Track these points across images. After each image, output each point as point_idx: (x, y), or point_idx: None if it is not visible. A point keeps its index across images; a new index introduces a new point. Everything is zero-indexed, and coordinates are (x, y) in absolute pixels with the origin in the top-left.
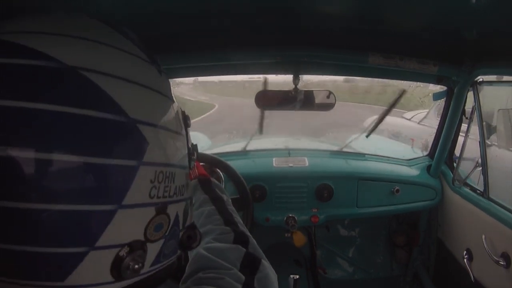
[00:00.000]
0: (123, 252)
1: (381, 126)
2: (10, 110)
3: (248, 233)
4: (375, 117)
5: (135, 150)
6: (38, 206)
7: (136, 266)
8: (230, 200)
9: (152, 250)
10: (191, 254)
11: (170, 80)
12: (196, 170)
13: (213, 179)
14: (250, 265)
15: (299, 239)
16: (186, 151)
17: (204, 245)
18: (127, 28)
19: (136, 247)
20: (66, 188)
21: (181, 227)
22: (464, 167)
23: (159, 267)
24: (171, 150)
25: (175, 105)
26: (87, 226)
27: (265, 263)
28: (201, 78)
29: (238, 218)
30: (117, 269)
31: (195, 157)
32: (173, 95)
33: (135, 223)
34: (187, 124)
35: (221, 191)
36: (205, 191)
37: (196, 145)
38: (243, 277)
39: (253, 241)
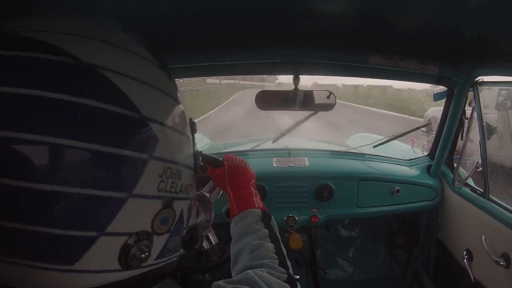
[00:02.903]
0: (131, 241)
1: None
2: (36, 99)
3: (297, 282)
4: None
5: (146, 145)
6: (52, 187)
7: (143, 256)
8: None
9: (158, 242)
10: (235, 272)
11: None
12: (260, 203)
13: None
14: None
15: (296, 241)
16: (192, 153)
17: (257, 271)
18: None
19: (143, 237)
20: (82, 173)
21: (184, 225)
22: (464, 168)
23: (163, 262)
24: (178, 149)
25: (182, 109)
26: (99, 211)
27: None
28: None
29: (288, 262)
30: (125, 257)
31: (200, 161)
32: (180, 99)
33: (143, 214)
34: (193, 130)
35: (277, 230)
36: (265, 226)
37: (201, 151)
38: None
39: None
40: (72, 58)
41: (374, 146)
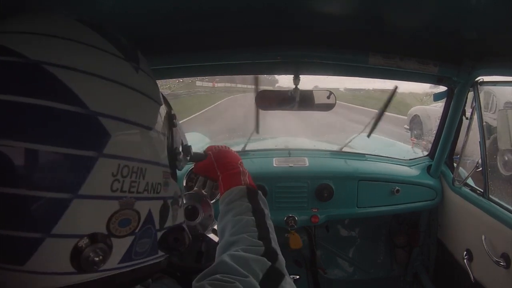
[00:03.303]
0: (81, 243)
1: None
2: None
3: (279, 252)
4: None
5: (93, 142)
6: None
7: (97, 259)
8: (269, 215)
9: (120, 245)
10: (217, 251)
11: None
12: (248, 180)
13: (260, 192)
14: (272, 279)
15: (295, 242)
16: (165, 149)
17: (232, 252)
18: (119, 29)
19: (97, 240)
20: (22, 173)
21: (157, 227)
22: (464, 168)
23: (133, 266)
24: (140, 145)
25: (152, 102)
26: (42, 213)
27: (288, 280)
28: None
29: (273, 235)
30: (77, 259)
31: (188, 157)
32: (151, 92)
33: (95, 215)
34: (172, 124)
35: (264, 205)
36: (250, 201)
37: (190, 146)
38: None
39: (282, 259)
40: (19, 56)
41: (368, 135)
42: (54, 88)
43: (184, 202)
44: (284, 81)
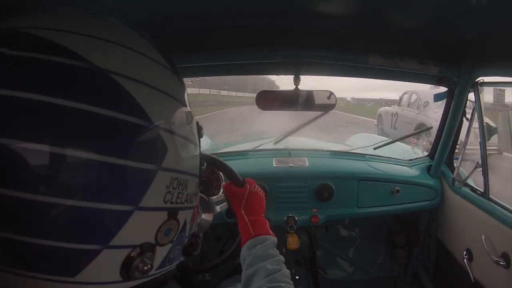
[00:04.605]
0: (134, 253)
1: None
2: (39, 105)
3: None
4: None
5: (155, 155)
6: (56, 200)
7: (145, 268)
8: None
9: (160, 253)
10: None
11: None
12: (269, 229)
13: None
14: None
15: (292, 242)
16: (199, 161)
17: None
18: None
19: (146, 249)
20: (86, 185)
21: (187, 234)
22: (465, 168)
23: (163, 271)
24: (187, 158)
25: (192, 114)
26: (104, 224)
27: None
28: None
29: None
30: (127, 269)
31: (204, 166)
32: (189, 104)
33: (148, 226)
34: (200, 134)
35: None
36: (280, 253)
37: (204, 155)
38: None
39: None
40: (83, 61)
41: (375, 148)
42: (122, 99)
43: None
44: (284, 87)
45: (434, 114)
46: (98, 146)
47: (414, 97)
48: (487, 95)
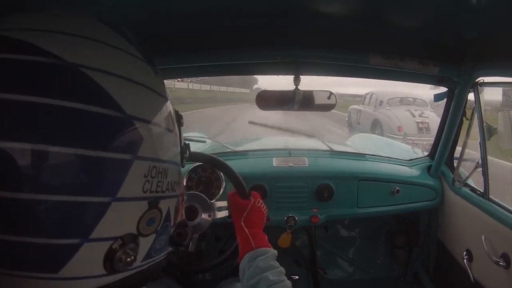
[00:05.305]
0: (116, 245)
1: None
2: (8, 103)
3: None
4: None
5: (130, 145)
6: (33, 196)
7: (129, 259)
8: None
9: (144, 244)
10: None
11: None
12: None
13: None
14: None
15: (284, 240)
16: (179, 149)
17: None
18: (126, 28)
19: (129, 240)
20: (62, 180)
21: (172, 223)
22: (465, 168)
23: (150, 262)
24: (164, 146)
25: (169, 104)
26: (82, 218)
27: None
28: None
29: None
30: (110, 261)
31: (187, 155)
32: (167, 94)
33: (129, 216)
34: (180, 123)
35: None
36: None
37: (188, 144)
38: None
39: None
40: (53, 57)
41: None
42: (94, 92)
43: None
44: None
45: (387, 111)
46: (71, 139)
47: (374, 97)
48: (496, 94)
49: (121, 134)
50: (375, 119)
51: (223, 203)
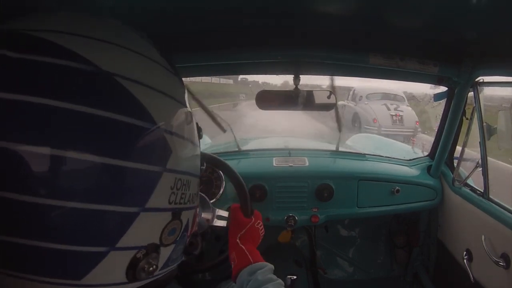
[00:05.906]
0: (140, 254)
1: None
2: (46, 109)
3: None
4: None
5: (160, 157)
6: (65, 204)
7: (151, 269)
8: None
9: (164, 254)
10: None
11: None
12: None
13: None
14: None
15: (284, 236)
16: (199, 161)
17: None
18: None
19: (152, 250)
20: (93, 187)
21: (189, 233)
22: (465, 168)
23: (166, 272)
24: (189, 159)
25: (193, 116)
26: (111, 226)
27: None
28: None
29: None
30: (133, 270)
31: (203, 167)
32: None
33: (154, 227)
34: (200, 135)
35: None
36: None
37: (204, 155)
38: None
39: None
40: (88, 64)
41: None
42: (128, 102)
43: None
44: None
45: (365, 105)
46: (104, 149)
47: (356, 93)
48: (505, 91)
49: (152, 145)
50: (354, 113)
51: (224, 213)
